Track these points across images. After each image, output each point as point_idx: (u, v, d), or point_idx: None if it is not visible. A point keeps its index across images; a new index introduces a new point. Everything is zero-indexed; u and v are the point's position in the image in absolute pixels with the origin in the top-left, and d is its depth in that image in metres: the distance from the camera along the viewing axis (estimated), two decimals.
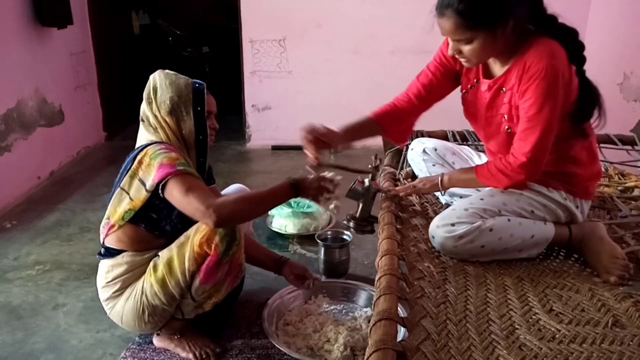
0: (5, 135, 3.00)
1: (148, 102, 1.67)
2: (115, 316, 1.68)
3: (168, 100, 1.63)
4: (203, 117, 1.67)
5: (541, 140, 1.37)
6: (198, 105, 1.65)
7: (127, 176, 1.58)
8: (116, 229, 1.62)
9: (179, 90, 1.64)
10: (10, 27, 3.08)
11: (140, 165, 1.56)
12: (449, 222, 1.44)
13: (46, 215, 2.92)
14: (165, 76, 1.67)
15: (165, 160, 1.52)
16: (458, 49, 1.41)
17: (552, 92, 1.34)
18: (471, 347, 1.06)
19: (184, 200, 1.47)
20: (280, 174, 3.64)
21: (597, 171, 1.58)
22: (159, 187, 1.51)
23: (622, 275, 1.33)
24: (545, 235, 1.47)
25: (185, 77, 1.68)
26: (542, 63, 1.33)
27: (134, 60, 4.93)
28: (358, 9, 3.98)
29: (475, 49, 1.38)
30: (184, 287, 1.58)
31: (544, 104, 1.35)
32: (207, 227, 1.52)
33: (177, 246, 1.58)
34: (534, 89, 1.35)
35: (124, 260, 1.63)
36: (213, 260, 1.54)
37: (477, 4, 1.32)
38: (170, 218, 1.62)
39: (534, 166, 1.40)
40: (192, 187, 1.48)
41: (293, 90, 4.17)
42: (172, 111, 1.64)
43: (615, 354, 1.04)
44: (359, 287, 2.01)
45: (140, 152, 1.58)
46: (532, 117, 1.37)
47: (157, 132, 1.66)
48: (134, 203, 1.57)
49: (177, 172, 1.50)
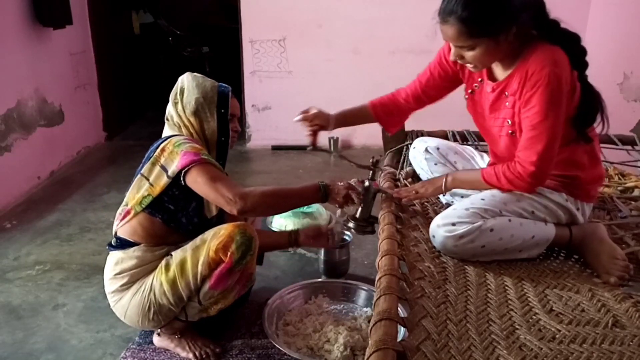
0: (6, 135, 3.00)
1: (174, 102, 1.70)
2: (119, 310, 1.68)
3: (193, 101, 1.66)
4: (226, 119, 1.70)
5: (548, 148, 1.37)
6: (222, 108, 1.69)
7: (148, 163, 1.61)
8: (132, 217, 1.63)
9: (204, 92, 1.68)
10: (11, 27, 3.08)
11: (163, 153, 1.59)
12: (449, 222, 1.44)
13: (46, 215, 2.92)
14: (192, 78, 1.71)
15: (189, 149, 1.56)
16: (460, 54, 1.42)
17: (556, 99, 1.34)
18: (471, 347, 1.06)
19: (210, 187, 1.51)
20: (280, 174, 3.65)
21: (600, 175, 1.58)
22: (181, 174, 1.53)
23: (622, 275, 1.33)
24: (545, 235, 1.47)
25: (211, 80, 1.73)
26: (545, 71, 1.33)
27: (134, 60, 4.94)
28: (358, 9, 3.98)
29: (477, 55, 1.39)
30: (193, 289, 1.59)
31: (548, 111, 1.34)
32: (224, 234, 1.54)
33: (192, 248, 1.59)
34: (538, 96, 1.35)
35: (135, 254, 1.63)
36: (226, 267, 1.54)
37: (481, 12, 1.31)
38: (187, 210, 1.64)
39: (543, 174, 1.40)
40: (218, 176, 1.54)
41: (293, 90, 4.17)
42: (197, 112, 1.67)
43: (615, 354, 1.04)
44: (359, 287, 2.01)
45: (164, 142, 1.61)
46: (536, 125, 1.36)
47: (180, 131, 1.69)
48: (153, 189, 1.59)
49: (201, 160, 1.54)
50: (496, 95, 1.50)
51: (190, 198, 1.62)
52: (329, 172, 3.64)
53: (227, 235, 1.54)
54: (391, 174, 2.02)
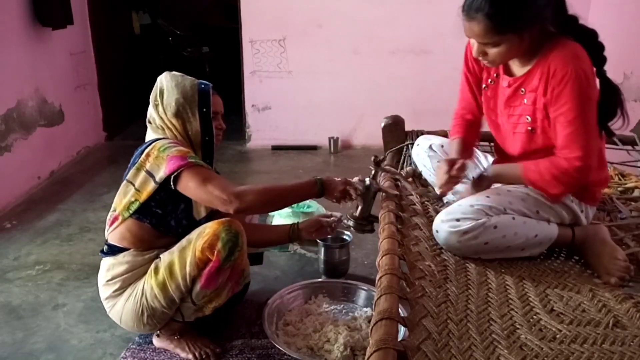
0: (6, 135, 3.00)
1: (155, 104, 1.67)
2: (115, 315, 1.68)
3: (174, 102, 1.63)
4: (209, 118, 1.67)
5: (589, 142, 1.37)
6: (203, 107, 1.65)
7: (133, 169, 1.59)
8: (120, 222, 1.62)
9: (184, 92, 1.64)
10: (11, 27, 3.08)
11: (148, 158, 1.56)
12: (454, 217, 1.44)
13: (46, 215, 2.92)
14: (171, 78, 1.67)
15: (175, 153, 1.53)
16: (484, 51, 1.42)
17: (586, 92, 1.35)
18: (472, 346, 1.05)
19: (202, 190, 1.49)
20: (280, 174, 3.64)
21: (605, 177, 1.59)
22: (171, 179, 1.51)
23: (623, 276, 1.33)
24: (548, 235, 1.47)
25: (191, 78, 1.69)
26: (570, 67, 1.34)
27: (134, 60, 4.94)
28: (358, 9, 3.98)
29: (501, 52, 1.39)
30: (184, 291, 1.58)
31: (581, 106, 1.35)
32: (209, 232, 1.53)
33: (179, 250, 1.58)
34: (569, 92, 1.35)
35: (125, 259, 1.63)
36: (215, 266, 1.53)
37: (508, 8, 1.32)
38: (176, 213, 1.63)
39: (589, 168, 1.40)
40: (209, 177, 1.51)
41: (293, 90, 4.17)
42: (178, 113, 1.64)
43: (616, 355, 1.04)
44: (359, 287, 2.01)
45: (149, 146, 1.59)
46: (572, 120, 1.36)
47: (164, 133, 1.66)
48: (140, 194, 1.57)
49: (189, 164, 1.51)
50: (512, 90, 1.50)
51: (178, 200, 1.60)
52: (329, 172, 3.64)
53: (212, 233, 1.52)
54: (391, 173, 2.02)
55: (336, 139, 4.12)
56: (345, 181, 1.64)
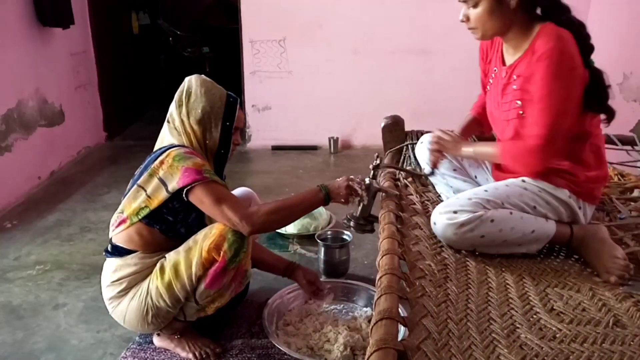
0: (6, 135, 3.00)
1: (178, 104, 1.65)
2: (118, 315, 1.68)
3: (200, 109, 1.62)
4: (230, 132, 1.67)
5: (555, 121, 1.37)
6: (227, 120, 1.65)
7: (146, 174, 1.58)
8: (128, 225, 1.62)
9: (212, 101, 1.63)
10: (11, 27, 3.08)
11: (162, 165, 1.55)
12: (451, 210, 1.44)
13: (46, 215, 2.92)
14: (202, 83, 1.66)
15: (190, 164, 1.53)
16: (466, 14, 1.47)
17: (561, 71, 1.34)
18: (472, 346, 1.06)
19: (216, 209, 1.51)
20: (280, 174, 3.65)
21: (604, 175, 1.59)
22: (183, 192, 1.51)
23: (622, 275, 1.33)
24: (546, 231, 1.47)
25: (220, 88, 1.68)
26: (549, 44, 1.35)
27: (134, 60, 4.94)
28: (358, 9, 3.98)
29: (480, 15, 1.43)
30: (189, 290, 1.58)
31: (553, 83, 1.35)
32: (216, 233, 1.53)
33: (185, 250, 1.58)
34: (543, 69, 1.36)
35: (133, 261, 1.62)
36: (220, 266, 1.54)
37: None
38: (187, 221, 1.63)
39: (550, 150, 1.40)
40: (223, 197, 1.53)
41: (293, 90, 4.17)
42: (202, 121, 1.63)
43: (616, 354, 1.04)
44: (359, 287, 2.01)
45: (163, 153, 1.58)
46: (542, 97, 1.37)
47: (180, 137, 1.64)
48: (151, 201, 1.57)
49: (204, 179, 1.51)
50: (506, 78, 1.53)
51: (191, 210, 1.59)
52: (329, 172, 3.64)
53: (219, 234, 1.53)
54: (391, 173, 2.02)
55: (336, 139, 4.12)
56: (346, 179, 1.65)
